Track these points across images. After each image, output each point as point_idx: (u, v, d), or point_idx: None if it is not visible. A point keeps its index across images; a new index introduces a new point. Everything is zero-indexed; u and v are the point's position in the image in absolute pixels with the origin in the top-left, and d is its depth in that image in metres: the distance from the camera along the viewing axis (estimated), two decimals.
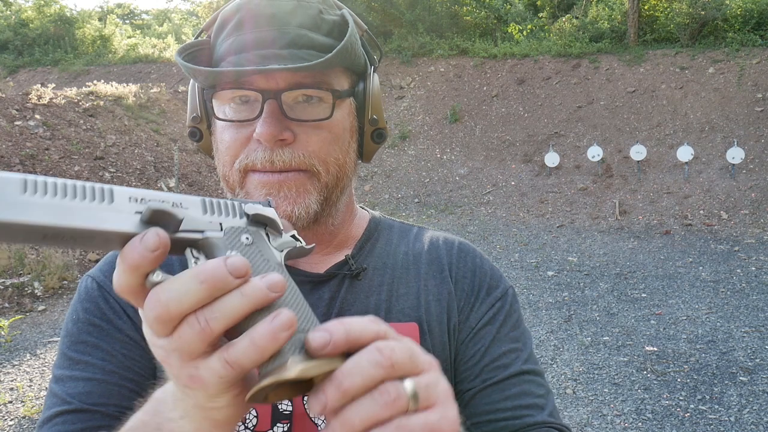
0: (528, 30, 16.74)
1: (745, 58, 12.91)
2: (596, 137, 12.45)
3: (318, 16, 0.73)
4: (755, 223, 9.49)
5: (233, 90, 0.71)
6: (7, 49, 21.58)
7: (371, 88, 0.78)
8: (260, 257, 0.49)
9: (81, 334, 0.76)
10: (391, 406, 0.41)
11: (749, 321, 5.39)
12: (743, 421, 3.66)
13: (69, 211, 0.42)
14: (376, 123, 0.79)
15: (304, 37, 0.71)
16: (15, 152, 8.80)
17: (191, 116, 0.78)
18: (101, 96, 11.94)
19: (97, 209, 0.43)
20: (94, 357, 0.75)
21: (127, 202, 0.45)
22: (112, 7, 32.15)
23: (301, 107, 0.71)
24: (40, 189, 0.42)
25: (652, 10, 15.30)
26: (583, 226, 10.30)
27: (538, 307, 6.02)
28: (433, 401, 0.44)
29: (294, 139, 0.71)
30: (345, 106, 0.75)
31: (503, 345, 0.80)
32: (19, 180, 0.42)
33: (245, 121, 0.72)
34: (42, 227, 0.41)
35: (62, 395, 0.73)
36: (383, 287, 0.81)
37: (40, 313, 6.00)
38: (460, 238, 0.91)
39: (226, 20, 0.74)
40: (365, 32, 0.81)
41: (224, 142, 0.74)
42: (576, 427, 3.69)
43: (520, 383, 0.78)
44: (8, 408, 4.01)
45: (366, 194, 12.67)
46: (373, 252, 0.85)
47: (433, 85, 15.26)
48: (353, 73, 0.77)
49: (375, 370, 0.41)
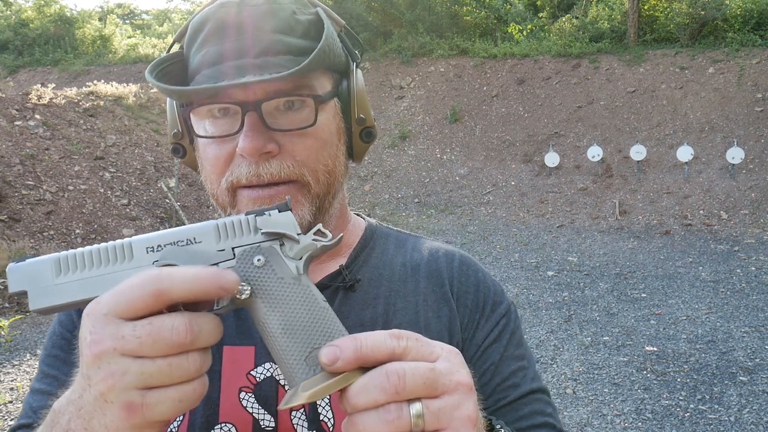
0: (528, 30, 16.73)
1: (745, 58, 12.91)
2: (596, 137, 12.45)
3: (291, 17, 0.70)
4: (755, 223, 9.49)
5: (211, 105, 0.68)
6: (7, 49, 21.58)
7: (355, 85, 0.74)
8: (273, 276, 0.51)
9: (53, 348, 0.76)
10: (391, 424, 0.44)
11: (749, 321, 5.39)
12: (743, 421, 3.66)
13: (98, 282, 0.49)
14: (364, 122, 0.76)
15: (279, 42, 0.68)
16: (15, 152, 8.80)
17: (172, 132, 0.75)
18: (101, 96, 11.94)
19: (121, 270, 0.50)
20: (60, 372, 0.74)
21: (145, 253, 0.51)
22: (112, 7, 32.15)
23: (284, 115, 0.68)
24: (71, 266, 0.49)
25: (652, 10, 15.29)
26: (583, 226, 10.30)
27: (538, 307, 6.02)
28: (444, 425, 0.46)
29: (279, 149, 0.68)
30: (329, 108, 0.72)
31: (511, 363, 0.80)
32: (52, 263, 0.49)
33: (227, 136, 0.68)
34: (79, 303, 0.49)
35: (26, 408, 0.73)
36: (379, 300, 0.78)
37: None
38: (460, 250, 0.88)
39: (196, 30, 0.71)
40: (343, 27, 0.78)
41: (208, 160, 0.71)
42: (576, 427, 3.69)
43: (531, 402, 0.79)
44: (8, 408, 4.01)
45: (366, 194, 12.67)
46: (368, 262, 0.81)
47: (433, 85, 15.26)
48: (335, 72, 0.74)
49: (379, 395, 0.45)
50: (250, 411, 0.71)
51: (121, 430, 0.46)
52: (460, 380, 0.48)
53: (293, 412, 0.72)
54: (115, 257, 0.50)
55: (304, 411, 0.72)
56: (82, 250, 0.50)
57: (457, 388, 0.48)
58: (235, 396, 0.71)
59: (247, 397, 0.71)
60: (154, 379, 0.45)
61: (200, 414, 0.70)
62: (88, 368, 0.46)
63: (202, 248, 0.51)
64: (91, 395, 0.47)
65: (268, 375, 0.72)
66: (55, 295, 0.49)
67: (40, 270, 0.49)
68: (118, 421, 0.46)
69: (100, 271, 0.49)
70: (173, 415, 0.47)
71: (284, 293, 0.50)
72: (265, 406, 0.71)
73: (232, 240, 0.52)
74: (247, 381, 0.72)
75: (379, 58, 16.07)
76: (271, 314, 0.50)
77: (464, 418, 0.47)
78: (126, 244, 0.50)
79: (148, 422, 0.46)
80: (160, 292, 0.45)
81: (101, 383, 0.45)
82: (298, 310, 0.50)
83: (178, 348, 0.45)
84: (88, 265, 0.49)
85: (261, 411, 0.71)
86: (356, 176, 13.18)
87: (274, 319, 0.49)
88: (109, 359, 0.45)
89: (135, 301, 0.45)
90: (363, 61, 0.82)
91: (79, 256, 0.49)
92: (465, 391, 0.48)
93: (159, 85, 0.67)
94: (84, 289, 0.49)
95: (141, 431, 0.47)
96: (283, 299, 0.50)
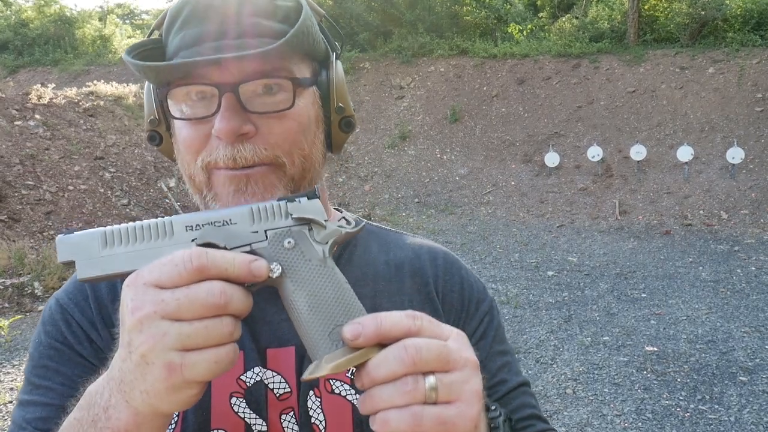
0: (528, 30, 16.73)
1: (745, 58, 12.91)
2: (596, 137, 12.45)
3: (271, 2, 0.70)
4: (755, 223, 9.49)
5: (187, 86, 0.68)
6: (7, 49, 21.58)
7: (334, 75, 0.74)
8: (301, 258, 0.55)
9: (42, 358, 0.74)
10: (408, 394, 0.48)
11: (749, 321, 5.39)
12: (743, 421, 3.66)
13: (141, 255, 0.53)
14: (343, 111, 0.75)
15: (258, 25, 0.68)
16: (15, 152, 8.80)
17: (148, 119, 0.75)
18: (101, 96, 11.94)
19: (162, 246, 0.53)
20: (53, 382, 0.72)
21: (184, 231, 0.54)
22: (112, 7, 32.11)
23: (261, 99, 0.68)
24: (116, 240, 0.53)
25: (652, 10, 15.29)
26: (583, 226, 10.30)
27: (538, 307, 6.02)
28: (455, 397, 0.50)
29: (256, 132, 0.68)
30: (308, 95, 0.72)
31: (497, 359, 0.82)
32: (99, 236, 0.53)
33: (203, 118, 0.68)
34: (123, 274, 0.52)
35: (19, 421, 0.71)
36: (365, 300, 0.76)
37: (40, 313, 5.99)
38: (442, 247, 0.88)
39: (175, 15, 0.71)
40: (323, 17, 0.78)
41: (184, 141, 0.71)
42: (576, 427, 3.69)
43: (518, 396, 0.82)
44: (8, 408, 4.01)
45: (366, 194, 12.67)
46: (351, 262, 0.81)
47: (433, 85, 15.26)
48: (313, 60, 0.74)
49: (397, 366, 0.48)
50: (241, 416, 0.71)
51: (161, 393, 0.49)
52: (468, 357, 0.52)
53: (283, 416, 0.72)
54: (157, 233, 0.53)
55: (294, 415, 0.72)
56: (126, 225, 0.54)
57: (467, 364, 0.51)
58: (227, 401, 0.71)
59: (239, 402, 0.71)
60: (191, 341, 0.48)
61: (192, 420, 0.70)
62: (129, 333, 0.49)
63: (237, 229, 0.55)
64: (132, 362, 0.49)
65: (257, 379, 0.72)
66: (101, 266, 0.53)
67: (87, 242, 0.53)
68: (159, 382, 0.48)
69: (143, 246, 0.53)
70: (210, 377, 0.50)
71: (311, 274, 0.55)
72: (256, 411, 0.71)
73: (265, 223, 0.56)
74: (238, 386, 0.72)
75: (379, 58, 16.06)
76: (299, 292, 0.54)
77: (473, 391, 0.51)
78: (168, 222, 0.54)
79: (186, 382, 0.49)
80: (198, 268, 0.49)
81: (143, 345, 0.48)
82: (323, 289, 0.54)
83: (214, 310, 0.49)
84: (132, 239, 0.53)
85: (252, 415, 0.71)
86: (356, 176, 13.19)
87: (302, 297, 0.54)
88: (150, 322, 0.48)
89: (174, 274, 0.49)
90: (362, 61, 0.83)
91: (123, 231, 0.53)
92: (473, 368, 0.52)
93: (134, 63, 0.66)
94: (129, 262, 0.52)
95: (179, 392, 0.49)
96: (310, 279, 0.54)
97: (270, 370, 0.72)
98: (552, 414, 3.86)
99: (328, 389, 0.72)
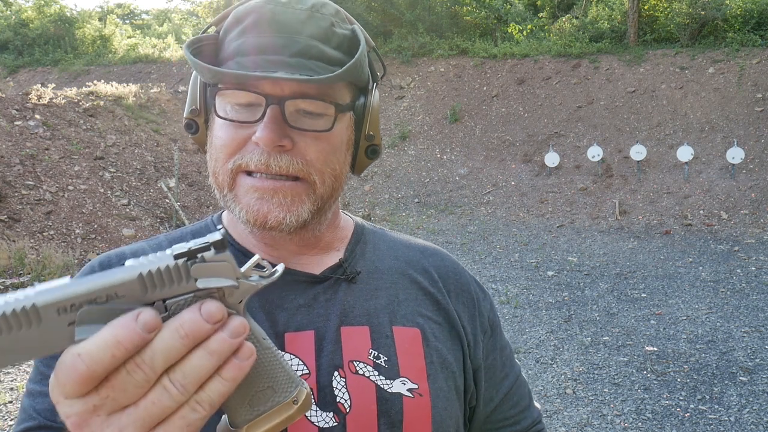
0: (528, 30, 16.74)
1: (745, 58, 12.91)
2: (596, 137, 12.46)
3: (330, 28, 0.73)
4: (755, 223, 9.49)
5: (238, 91, 0.71)
6: (7, 49, 21.61)
7: (371, 104, 0.78)
8: None
9: None
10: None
11: (749, 321, 5.40)
12: (743, 421, 3.66)
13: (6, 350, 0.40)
14: (372, 139, 0.79)
15: (314, 48, 0.71)
16: (15, 152, 8.80)
17: (190, 108, 0.78)
18: (101, 96, 11.94)
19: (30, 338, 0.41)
20: None
21: (57, 315, 0.41)
22: (112, 7, 32.13)
23: (303, 117, 0.71)
24: None
25: (652, 10, 15.30)
26: (583, 226, 10.30)
27: (538, 307, 6.02)
28: None
29: (293, 146, 0.70)
30: (345, 119, 0.75)
31: (502, 354, 0.90)
32: None
33: (246, 122, 0.71)
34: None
35: (29, 410, 0.71)
36: (380, 292, 0.81)
37: None
38: (439, 247, 0.94)
39: (238, 19, 0.74)
40: (372, 48, 0.81)
41: (221, 139, 0.73)
42: (576, 427, 3.69)
43: (518, 388, 0.91)
44: (8, 408, 4.01)
45: (366, 194, 12.67)
46: (364, 256, 0.85)
47: (433, 85, 15.26)
48: (355, 87, 0.78)
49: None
50: None
51: None
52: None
53: None
54: (19, 324, 0.40)
55: (312, 395, 0.72)
56: None
57: None
58: None
59: None
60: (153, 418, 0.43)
61: None
62: None
63: (125, 304, 0.43)
64: None
65: None
66: None
67: None
68: None
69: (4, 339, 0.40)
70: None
71: None
72: None
73: (161, 290, 0.44)
74: None
75: None
76: None
77: None
78: (30, 308, 0.40)
79: None
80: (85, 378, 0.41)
81: None
82: None
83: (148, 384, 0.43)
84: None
85: None
86: (356, 176, 13.20)
87: None
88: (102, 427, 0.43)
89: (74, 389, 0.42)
90: None
91: None
92: None
93: (195, 61, 0.69)
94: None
95: None
96: None
97: (288, 353, 0.74)
98: (552, 414, 3.86)
99: (352, 370, 0.74)
